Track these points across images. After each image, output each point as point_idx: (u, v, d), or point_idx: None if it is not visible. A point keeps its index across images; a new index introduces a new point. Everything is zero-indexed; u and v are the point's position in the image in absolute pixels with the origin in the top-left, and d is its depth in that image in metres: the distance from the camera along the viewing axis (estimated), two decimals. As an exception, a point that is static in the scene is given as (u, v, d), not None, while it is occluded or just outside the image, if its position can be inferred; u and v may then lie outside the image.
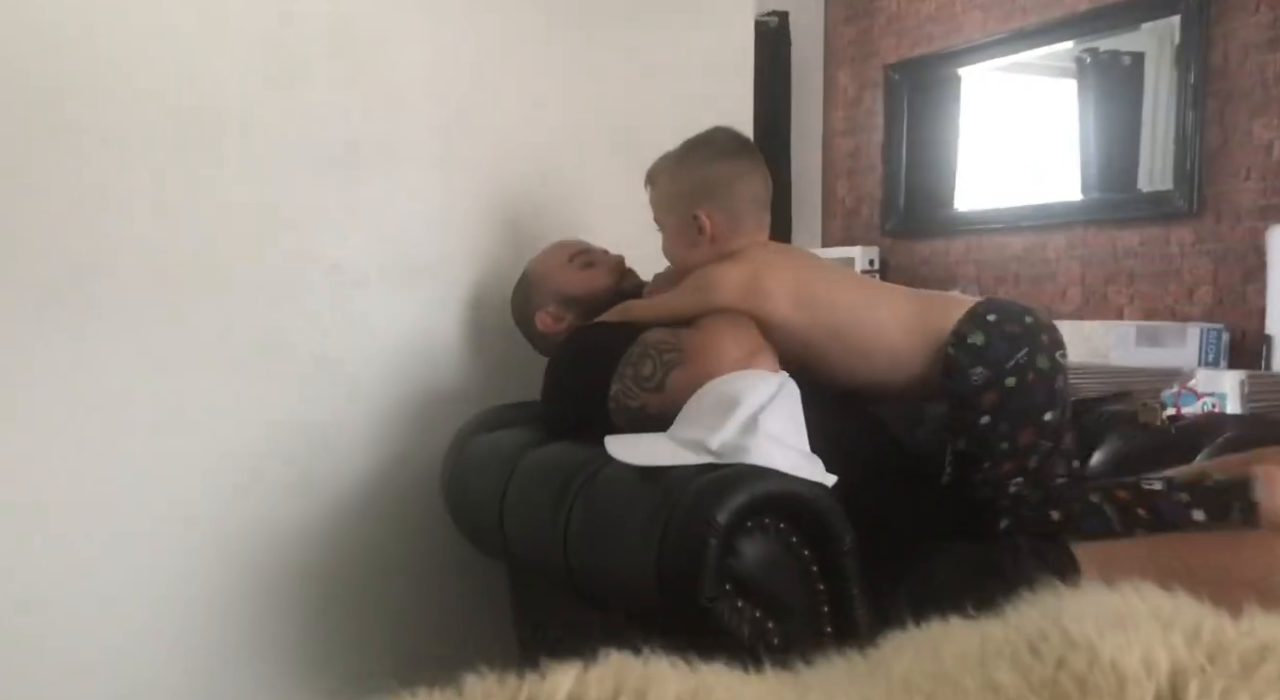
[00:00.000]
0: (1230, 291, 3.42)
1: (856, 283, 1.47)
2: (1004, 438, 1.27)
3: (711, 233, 1.42)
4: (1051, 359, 1.30)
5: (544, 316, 1.64)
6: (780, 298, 1.36)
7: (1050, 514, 1.24)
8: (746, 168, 1.45)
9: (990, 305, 1.35)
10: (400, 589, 1.83)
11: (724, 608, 1.10)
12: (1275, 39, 3.25)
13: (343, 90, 1.73)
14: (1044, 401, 1.29)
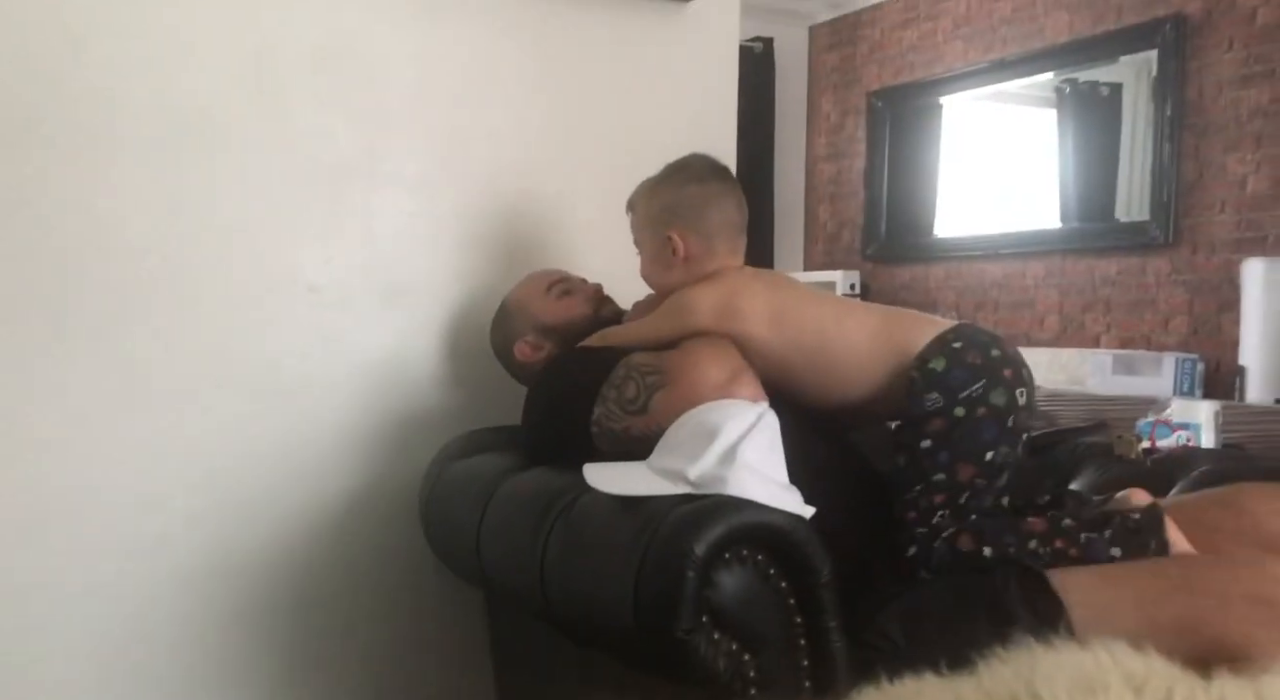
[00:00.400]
0: (1205, 322, 3.46)
1: (828, 302, 1.46)
2: (941, 468, 1.26)
3: (685, 254, 1.43)
4: (1009, 395, 1.28)
5: (522, 346, 1.64)
6: (755, 319, 1.36)
7: (983, 550, 1.22)
8: (718, 191, 1.46)
9: (960, 332, 1.33)
10: (376, 615, 1.81)
11: (700, 640, 1.09)
12: (1249, 76, 3.30)
13: (326, 110, 1.73)
14: (990, 438, 1.27)
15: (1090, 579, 1.15)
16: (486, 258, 1.87)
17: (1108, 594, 1.12)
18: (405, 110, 1.79)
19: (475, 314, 1.87)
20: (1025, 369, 1.32)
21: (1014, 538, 1.22)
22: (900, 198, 4.66)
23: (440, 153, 1.83)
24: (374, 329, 1.79)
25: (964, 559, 1.22)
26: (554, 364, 1.53)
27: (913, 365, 1.30)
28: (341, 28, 1.74)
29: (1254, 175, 3.31)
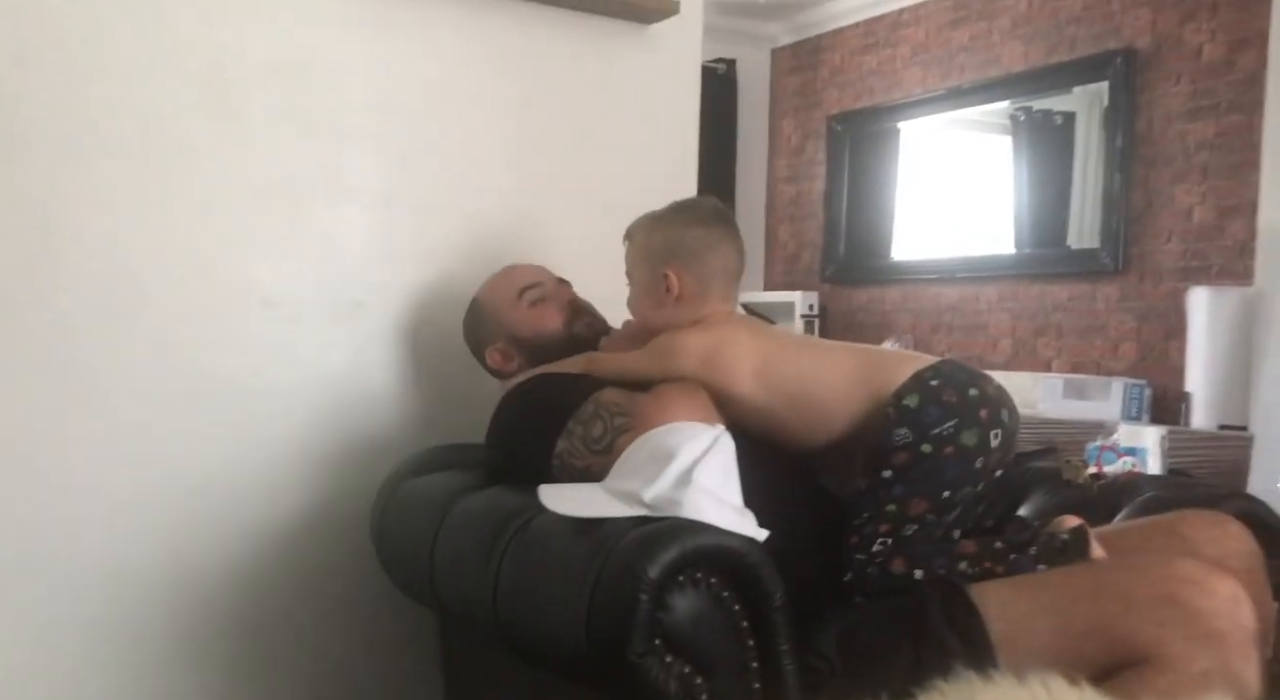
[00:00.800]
0: (1152, 349, 3.54)
1: (809, 348, 1.46)
2: (895, 500, 1.26)
3: (678, 294, 1.42)
4: (982, 437, 1.27)
5: (493, 354, 1.64)
6: (740, 371, 1.36)
7: (914, 573, 1.23)
8: (721, 237, 1.45)
9: (939, 369, 1.32)
10: (324, 634, 1.78)
11: (652, 663, 1.09)
12: (1195, 110, 3.40)
13: (283, 123, 1.71)
14: (952, 477, 1.26)
15: (1007, 591, 1.17)
16: (445, 274, 1.87)
17: (1023, 605, 1.14)
18: (364, 125, 1.78)
19: (433, 331, 1.85)
20: (1006, 411, 1.30)
21: (944, 560, 1.24)
22: (859, 220, 4.72)
23: (399, 169, 1.82)
24: (329, 345, 1.77)
25: (896, 582, 1.24)
26: (528, 385, 1.52)
27: (889, 402, 1.30)
28: (300, 41, 1.72)
29: (1200, 206, 3.40)
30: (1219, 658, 1.02)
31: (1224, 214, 3.32)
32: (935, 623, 1.15)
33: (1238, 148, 3.27)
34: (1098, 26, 3.70)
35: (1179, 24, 3.44)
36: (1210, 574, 1.07)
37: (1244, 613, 1.05)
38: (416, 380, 1.85)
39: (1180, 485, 1.62)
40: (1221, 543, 1.27)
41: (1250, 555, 1.28)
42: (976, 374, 1.33)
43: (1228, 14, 3.30)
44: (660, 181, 2.13)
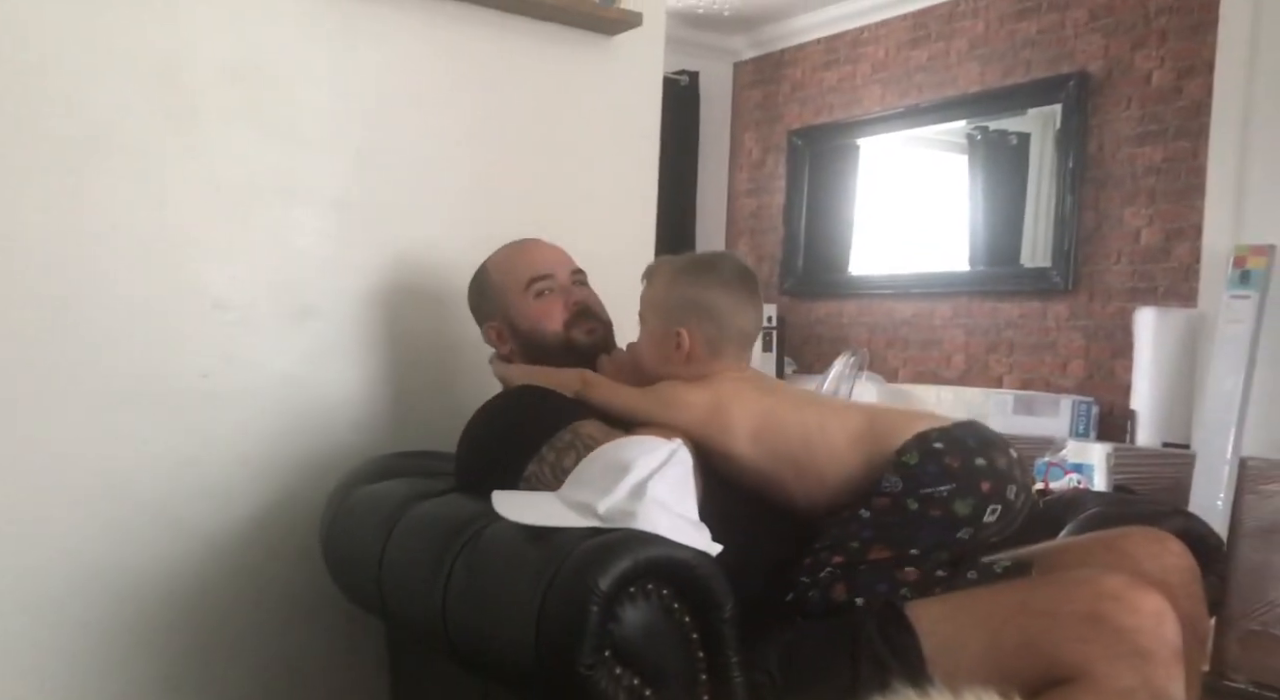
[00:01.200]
0: (1100, 367, 3.61)
1: (812, 405, 1.42)
2: (860, 540, 1.26)
3: (688, 353, 1.41)
4: (976, 508, 1.24)
5: (490, 331, 1.64)
6: (740, 431, 1.35)
7: (855, 600, 1.23)
8: (743, 302, 1.42)
9: (949, 432, 1.29)
10: (271, 642, 1.75)
11: (601, 675, 1.08)
12: (1144, 134, 3.48)
13: (239, 125, 1.69)
14: (927, 539, 1.24)
15: (940, 608, 1.17)
16: (401, 281, 1.85)
17: (956, 622, 1.14)
18: (321, 129, 1.77)
19: (388, 338, 1.84)
20: (1014, 487, 1.26)
21: (887, 587, 1.23)
22: (818, 235, 4.76)
23: (356, 173, 1.81)
24: (282, 349, 1.75)
25: (836, 608, 1.24)
26: (507, 402, 1.51)
27: (890, 460, 1.28)
28: (257, 42, 1.70)
29: (1147, 228, 3.48)
30: (1143, 675, 1.04)
31: (1170, 237, 3.40)
32: (872, 640, 1.15)
33: (1184, 173, 3.36)
34: (1052, 50, 3.78)
35: (1130, 50, 3.52)
36: (1135, 590, 1.08)
37: (1169, 629, 1.06)
38: (370, 387, 1.83)
39: (1123, 502, 1.65)
40: (1161, 559, 1.29)
41: (1189, 571, 1.31)
42: (992, 443, 1.29)
43: (1176, 43, 3.39)
44: (622, 191, 2.14)
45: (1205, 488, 2.93)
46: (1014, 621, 1.11)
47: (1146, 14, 3.48)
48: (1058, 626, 1.08)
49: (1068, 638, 1.07)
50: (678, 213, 4.91)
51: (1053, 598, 1.12)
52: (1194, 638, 1.28)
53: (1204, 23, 3.29)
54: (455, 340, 1.90)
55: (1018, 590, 1.18)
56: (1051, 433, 3.41)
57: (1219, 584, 1.49)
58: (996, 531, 1.27)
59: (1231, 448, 2.91)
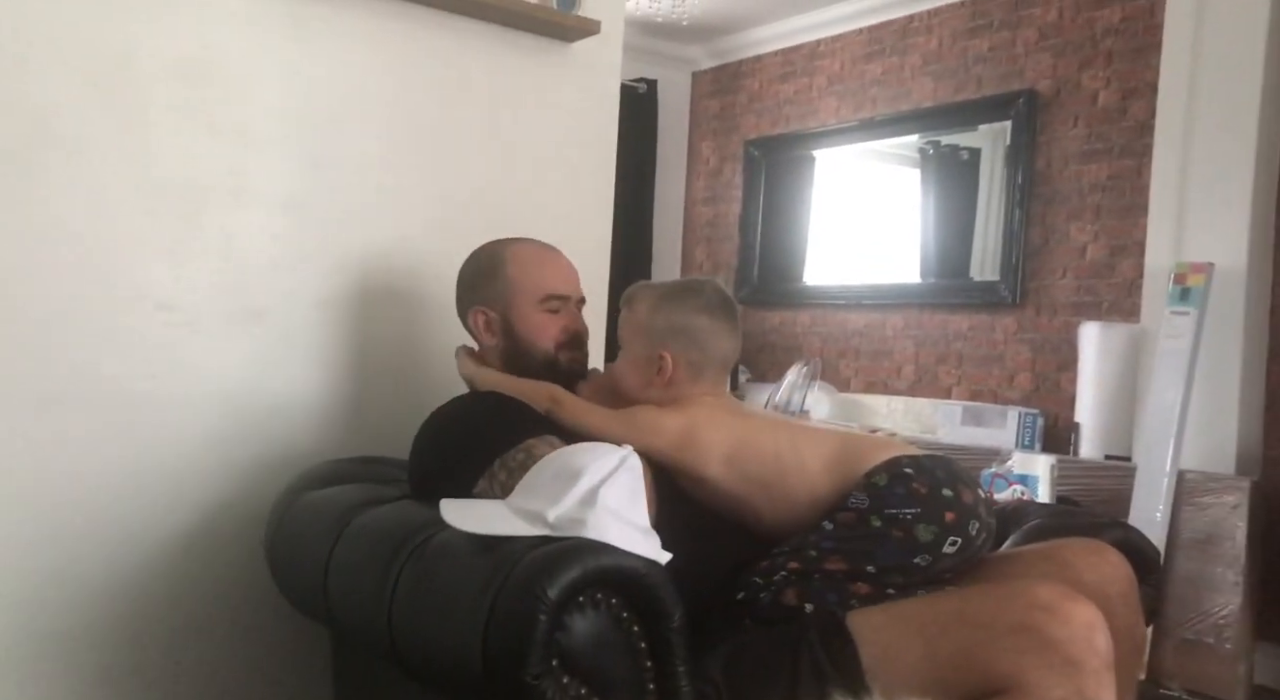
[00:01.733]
0: (1046, 379, 3.68)
1: (784, 429, 1.43)
2: (818, 549, 1.27)
3: (670, 377, 1.42)
4: (938, 536, 1.24)
5: (479, 316, 1.59)
6: (713, 455, 1.36)
7: (804, 607, 1.24)
8: (724, 329, 1.44)
9: (920, 461, 1.31)
10: (213, 651, 1.72)
11: (548, 685, 1.08)
12: (1090, 152, 3.56)
13: (187, 124, 1.66)
14: (885, 558, 1.25)
15: (880, 618, 1.19)
16: (353, 284, 1.83)
17: (894, 631, 1.16)
18: (271, 130, 1.75)
19: (339, 341, 1.82)
20: (976, 524, 1.27)
21: (837, 597, 1.24)
22: (773, 244, 4.80)
23: (307, 175, 1.78)
24: (228, 352, 1.72)
25: (784, 611, 1.25)
26: (467, 409, 1.49)
27: (859, 480, 1.30)
28: (207, 40, 1.68)
29: (1092, 244, 3.56)
30: (1075, 685, 1.06)
31: (1115, 253, 3.48)
32: (813, 649, 1.17)
33: (1128, 191, 3.44)
34: (1003, 67, 3.85)
35: (1078, 70, 3.61)
36: (1068, 601, 1.10)
37: (1100, 639, 1.08)
38: (320, 391, 1.81)
39: (1064, 513, 1.69)
40: (1099, 568, 1.32)
41: (1126, 581, 1.34)
42: (961, 478, 1.31)
43: (1121, 64, 3.48)
44: (579, 197, 2.14)
45: (1145, 500, 2.99)
46: (951, 632, 1.13)
47: (1093, 35, 3.56)
48: (992, 637, 1.10)
49: (1002, 649, 1.09)
50: (635, 220, 4.92)
51: (988, 609, 1.13)
52: (1131, 646, 1.31)
53: (1148, 45, 3.38)
54: (409, 344, 1.88)
55: (955, 600, 1.20)
56: (998, 444, 3.47)
57: (1155, 594, 1.52)
58: (952, 567, 1.28)
59: (1170, 461, 2.98)
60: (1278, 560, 2.93)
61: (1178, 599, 2.96)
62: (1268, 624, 2.98)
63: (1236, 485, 2.93)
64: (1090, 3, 3.58)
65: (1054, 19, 3.69)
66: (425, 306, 1.89)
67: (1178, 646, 2.95)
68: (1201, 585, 2.94)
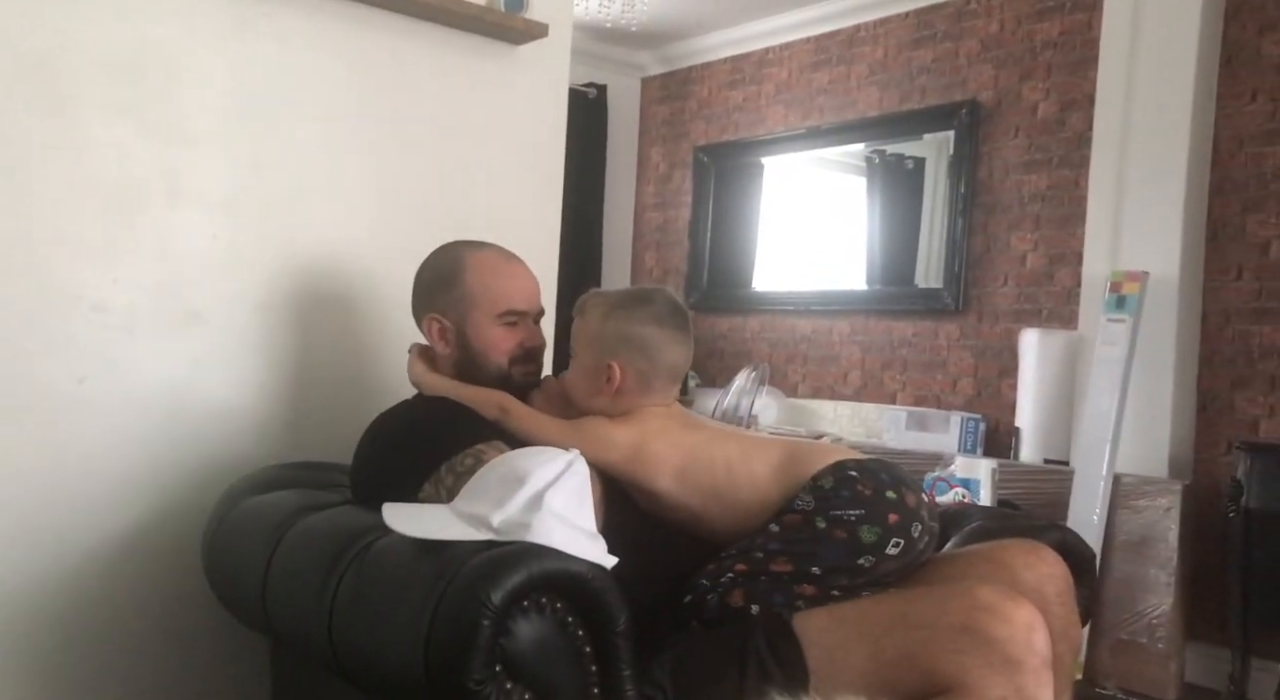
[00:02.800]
0: (987, 385, 3.75)
1: (734, 439, 1.43)
2: (765, 551, 1.28)
3: (618, 387, 1.41)
4: (881, 538, 1.26)
5: (433, 323, 1.55)
6: (664, 468, 1.36)
7: (750, 608, 1.25)
8: (674, 338, 1.44)
9: (864, 464, 1.32)
10: (149, 660, 1.68)
11: (491, 691, 1.07)
12: (1030, 162, 3.64)
13: (121, 122, 1.62)
14: (829, 559, 1.26)
15: (826, 619, 1.20)
16: (295, 286, 1.80)
17: (839, 633, 1.18)
18: (210, 129, 1.71)
19: (280, 344, 1.79)
20: (919, 526, 1.29)
21: (783, 598, 1.25)
22: (722, 250, 4.82)
23: (246, 176, 1.75)
24: (164, 355, 1.68)
25: (730, 613, 1.25)
26: (415, 413, 1.47)
27: (805, 484, 1.31)
28: (143, 37, 1.64)
29: (1032, 253, 3.63)
30: (1015, 683, 1.08)
31: (1054, 261, 3.56)
32: (758, 650, 1.18)
33: (1066, 201, 3.52)
34: (946, 78, 3.92)
35: (1018, 81, 3.69)
36: (1008, 601, 1.13)
37: (1039, 639, 1.11)
38: (261, 395, 1.77)
39: (1004, 516, 1.72)
40: (1037, 569, 1.34)
41: (1062, 581, 1.37)
42: (903, 480, 1.32)
43: (1060, 76, 3.56)
44: (526, 202, 2.13)
45: (1082, 503, 3.06)
46: (894, 633, 1.15)
47: (1033, 47, 3.65)
48: (935, 638, 1.12)
49: (944, 649, 1.11)
50: (585, 224, 4.91)
51: (930, 610, 1.15)
52: (1067, 646, 1.34)
53: (1086, 59, 3.47)
54: (352, 348, 1.86)
55: (899, 602, 1.21)
56: (941, 448, 3.52)
57: (1091, 595, 1.56)
58: (894, 569, 1.30)
59: (1107, 465, 3.05)
60: (1208, 561, 3.02)
61: (1113, 600, 3.04)
62: (1198, 624, 3.07)
63: (1169, 488, 3.01)
64: (1030, 15, 3.66)
65: (995, 31, 3.77)
66: (368, 310, 1.86)
67: (1113, 646, 3.03)
68: (1136, 586, 3.01)
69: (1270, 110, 3.08)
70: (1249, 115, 3.12)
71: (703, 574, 1.30)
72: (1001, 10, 3.75)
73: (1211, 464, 3.14)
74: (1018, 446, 3.43)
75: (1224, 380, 3.14)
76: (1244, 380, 3.10)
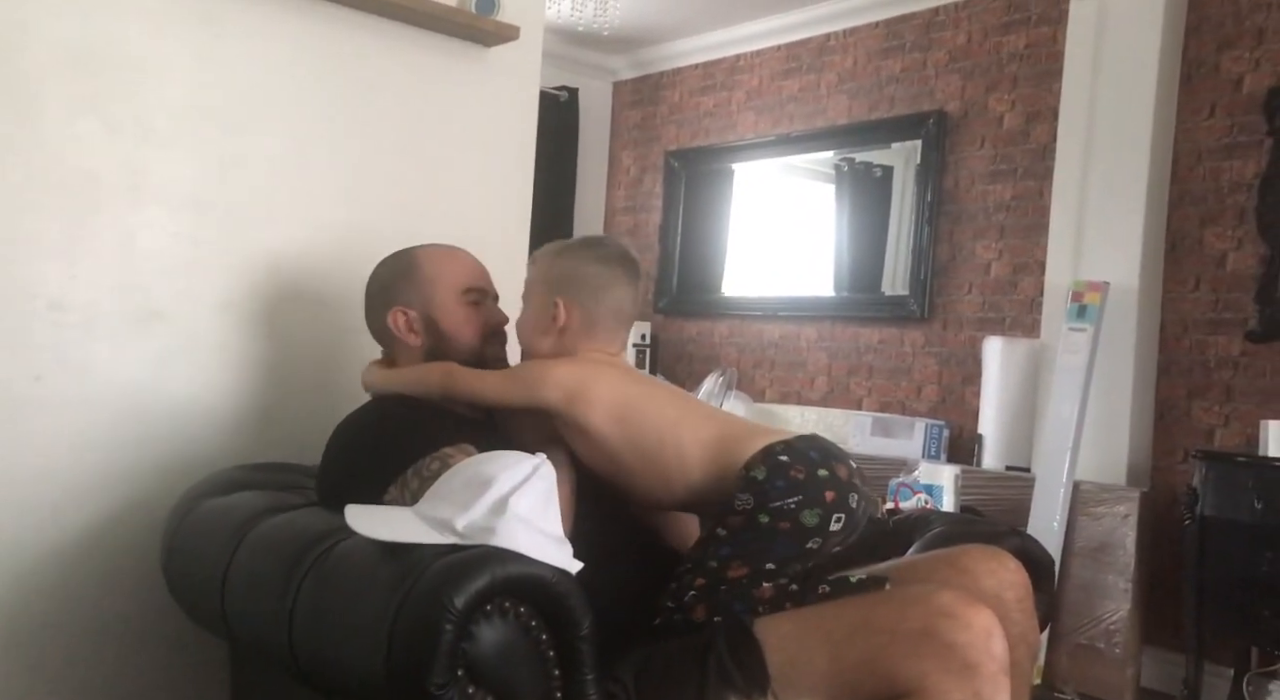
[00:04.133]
0: (951, 392, 3.79)
1: (673, 403, 1.44)
2: (719, 559, 1.28)
3: (563, 325, 1.42)
4: (823, 518, 1.27)
5: (399, 316, 1.53)
6: (600, 409, 1.36)
7: (713, 619, 1.25)
8: (619, 278, 1.45)
9: (792, 445, 1.33)
10: (105, 663, 1.65)
11: (454, 695, 1.07)
12: (996, 172, 3.69)
13: (83, 116, 1.60)
14: (781, 552, 1.27)
15: (788, 626, 1.21)
16: (260, 286, 1.79)
17: (801, 639, 1.18)
18: (175, 125, 1.69)
19: (245, 344, 1.77)
20: (855, 495, 1.31)
21: (743, 605, 1.26)
22: (692, 255, 4.84)
23: (212, 173, 1.73)
24: (124, 354, 1.66)
25: (696, 627, 1.26)
26: (381, 418, 1.46)
27: (738, 473, 1.31)
28: (107, 30, 1.62)
29: (997, 262, 3.68)
30: (973, 688, 1.09)
31: (1017, 270, 3.61)
32: (720, 656, 1.18)
33: (1030, 211, 3.57)
34: (915, 88, 3.96)
35: (984, 92, 3.73)
36: (967, 607, 1.14)
37: (996, 645, 1.12)
38: (224, 395, 1.75)
39: (965, 521, 1.74)
40: (998, 574, 1.36)
41: (1023, 587, 1.39)
42: (832, 454, 1.34)
43: (1025, 88, 3.61)
44: (497, 203, 2.13)
45: (1043, 509, 3.10)
46: (855, 639, 1.16)
47: (1000, 59, 3.70)
48: (895, 643, 1.13)
49: (904, 654, 1.12)
50: (555, 227, 4.91)
51: (891, 615, 1.17)
52: (1025, 651, 1.36)
53: (1050, 71, 3.52)
54: (317, 348, 1.84)
55: (860, 607, 1.22)
56: (905, 454, 3.55)
57: (1050, 601, 1.58)
58: (841, 540, 1.32)
59: (1067, 472, 3.10)
60: (1164, 568, 3.07)
61: (1072, 605, 3.08)
62: (1154, 629, 3.12)
63: (1127, 495, 3.06)
64: (997, 28, 3.71)
65: (963, 42, 3.81)
66: (334, 310, 1.85)
67: (1071, 651, 3.07)
68: (1094, 592, 3.06)
69: (1228, 125, 3.15)
70: (1207, 130, 3.19)
71: (666, 595, 1.30)
72: (969, 22, 3.80)
73: (1168, 472, 3.20)
74: (980, 453, 3.47)
75: (1181, 389, 3.20)
76: (1200, 390, 3.16)
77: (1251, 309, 3.05)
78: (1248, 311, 3.07)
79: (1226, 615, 2.79)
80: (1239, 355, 3.08)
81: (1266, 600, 2.66)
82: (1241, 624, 2.76)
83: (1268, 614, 2.66)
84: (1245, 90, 3.11)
